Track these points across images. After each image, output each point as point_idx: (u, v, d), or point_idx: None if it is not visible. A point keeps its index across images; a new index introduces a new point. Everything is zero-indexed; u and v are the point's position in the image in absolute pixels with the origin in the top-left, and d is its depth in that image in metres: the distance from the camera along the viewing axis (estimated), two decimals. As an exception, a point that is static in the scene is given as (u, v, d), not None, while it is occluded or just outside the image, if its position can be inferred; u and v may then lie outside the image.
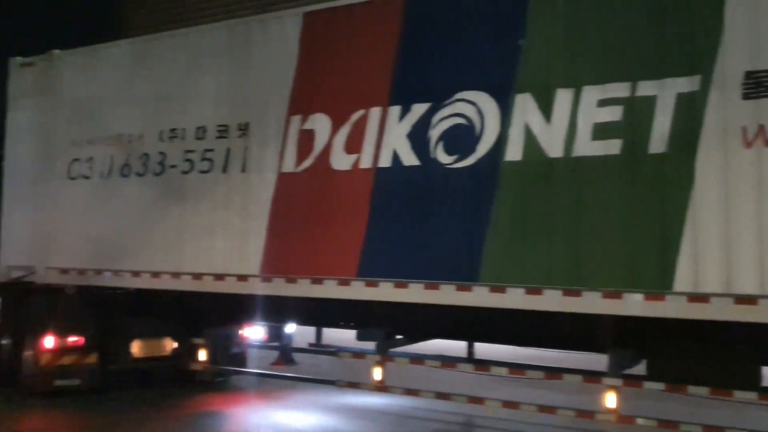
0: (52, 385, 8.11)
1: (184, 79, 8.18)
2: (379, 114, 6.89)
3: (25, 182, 9.47)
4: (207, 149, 7.93)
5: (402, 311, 7.10)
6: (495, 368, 6.82)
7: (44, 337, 8.15)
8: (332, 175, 7.10)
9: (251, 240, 7.52)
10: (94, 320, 8.47)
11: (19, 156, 9.64)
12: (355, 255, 6.90)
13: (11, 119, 9.78)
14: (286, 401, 8.71)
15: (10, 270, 9.60)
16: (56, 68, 9.33)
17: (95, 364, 8.29)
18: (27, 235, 9.40)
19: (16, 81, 9.74)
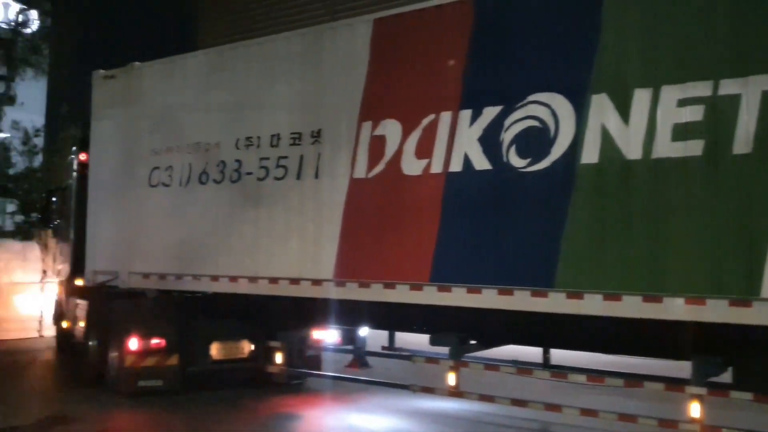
0: (136, 385, 8.42)
1: (258, 88, 8.35)
2: (450, 118, 6.85)
3: (109, 190, 9.87)
4: (281, 156, 8.07)
5: (475, 316, 7.03)
6: (573, 375, 6.69)
7: (129, 340, 8.46)
8: (403, 180, 7.11)
9: (325, 245, 7.61)
10: (175, 323, 8.73)
11: (103, 165, 10.05)
12: (427, 260, 6.89)
13: (95, 130, 10.21)
14: (360, 404, 8.77)
15: (95, 275, 10.03)
16: (136, 80, 9.68)
17: (176, 365, 8.55)
18: (111, 241, 9.79)
19: (99, 93, 10.15)
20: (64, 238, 12.57)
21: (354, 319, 8.63)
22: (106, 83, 10.05)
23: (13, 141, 19.73)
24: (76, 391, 9.51)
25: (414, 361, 7.51)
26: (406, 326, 8.08)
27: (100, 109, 10.13)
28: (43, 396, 9.37)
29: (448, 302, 6.83)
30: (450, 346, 7.19)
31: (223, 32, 17.87)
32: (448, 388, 7.09)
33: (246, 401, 8.76)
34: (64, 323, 12.24)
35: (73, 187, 11.69)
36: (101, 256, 9.91)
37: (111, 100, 9.97)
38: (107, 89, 10.02)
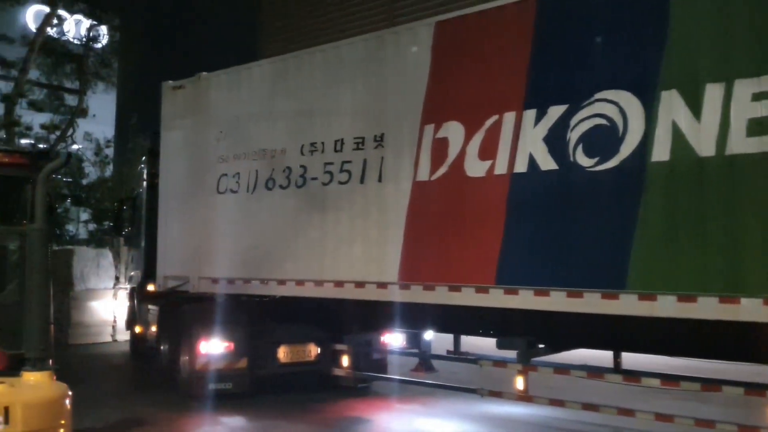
0: (206, 388, 8.59)
1: (321, 95, 8.45)
2: (514, 119, 6.79)
3: (179, 198, 10.13)
4: (345, 161, 8.14)
5: (543, 319, 6.95)
6: (646, 379, 6.51)
7: (198, 343, 8.65)
8: (467, 183, 7.08)
9: (389, 248, 7.63)
10: (243, 327, 8.89)
11: (172, 173, 10.32)
12: (492, 262, 6.83)
13: (165, 139, 10.50)
14: (428, 408, 8.75)
15: (166, 280, 10.29)
16: (204, 90, 9.91)
17: (245, 368, 8.69)
18: (181, 247, 10.04)
19: (168, 103, 10.43)
20: (136, 246, 13.02)
21: (419, 322, 8.62)
22: (175, 94, 10.32)
23: (86, 152, 20.54)
24: (149, 394, 9.81)
25: (481, 365, 7.45)
26: (471, 330, 8.03)
27: (170, 119, 10.41)
28: (118, 399, 9.65)
29: (515, 305, 6.75)
30: (518, 350, 7.11)
31: (285, 42, 18.14)
32: (516, 392, 7.01)
33: (314, 404, 8.87)
34: (137, 328, 12.66)
35: (144, 195, 12.11)
36: (172, 261, 10.18)
37: (180, 110, 10.24)
38: (176, 100, 10.30)
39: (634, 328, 6.31)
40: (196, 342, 8.68)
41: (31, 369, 4.26)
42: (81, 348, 14.11)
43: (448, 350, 9.37)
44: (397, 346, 9.31)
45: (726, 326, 5.74)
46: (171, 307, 10.16)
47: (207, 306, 9.37)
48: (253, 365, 8.76)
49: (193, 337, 8.80)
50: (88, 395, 9.49)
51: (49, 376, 4.23)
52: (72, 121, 18.41)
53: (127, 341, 13.93)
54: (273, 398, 9.07)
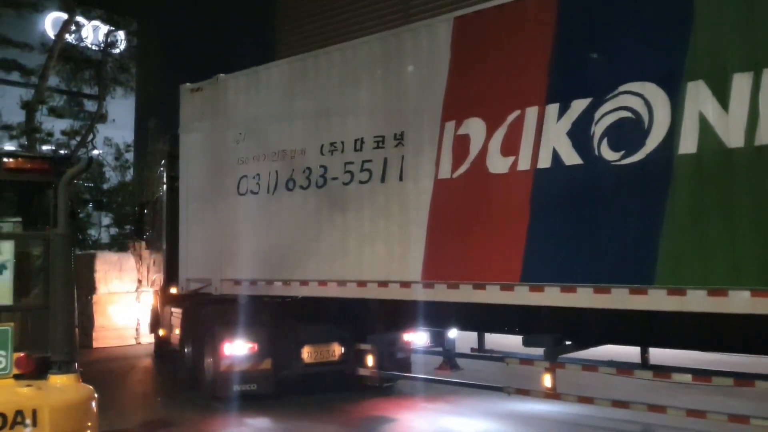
0: (231, 389, 8.58)
1: (340, 94, 8.42)
2: (536, 113, 6.71)
3: (200, 200, 10.14)
4: (365, 160, 8.10)
5: (569, 316, 6.86)
6: (677, 375, 6.40)
7: (222, 345, 8.65)
8: (489, 179, 7.01)
9: (411, 246, 7.58)
10: (267, 328, 8.87)
11: (193, 176, 10.33)
12: (517, 259, 6.75)
13: (184, 142, 10.51)
14: (453, 407, 8.67)
15: (189, 283, 10.31)
16: (222, 92, 9.92)
17: (269, 369, 8.68)
18: (203, 249, 10.05)
19: (187, 106, 10.45)
20: (157, 249, 13.05)
21: (443, 320, 8.56)
22: (194, 96, 10.33)
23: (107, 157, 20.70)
24: (174, 395, 9.84)
25: (507, 362, 7.38)
26: (496, 327, 7.96)
27: (189, 122, 10.42)
28: (144, 401, 9.72)
29: (541, 302, 6.67)
30: (545, 348, 7.02)
31: (301, 42, 18.16)
32: (544, 390, 6.92)
33: (339, 404, 8.84)
34: (161, 331, 12.69)
35: (164, 199, 12.14)
36: (194, 264, 10.19)
37: (198, 112, 10.25)
38: (195, 102, 10.31)
39: (664, 323, 6.21)
40: (219, 344, 8.68)
41: (57, 372, 4.30)
42: (105, 351, 14.22)
43: (472, 348, 9.30)
44: (421, 344, 9.25)
45: (757, 320, 5.62)
46: (194, 309, 10.18)
47: (230, 307, 9.37)
48: (278, 366, 8.75)
49: (216, 338, 8.81)
50: (114, 398, 9.54)
51: (76, 379, 4.25)
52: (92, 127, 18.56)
53: (151, 344, 14.00)
54: (298, 399, 9.06)
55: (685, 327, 6.34)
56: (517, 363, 7.31)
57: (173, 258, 11.81)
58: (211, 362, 9.07)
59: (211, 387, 9.05)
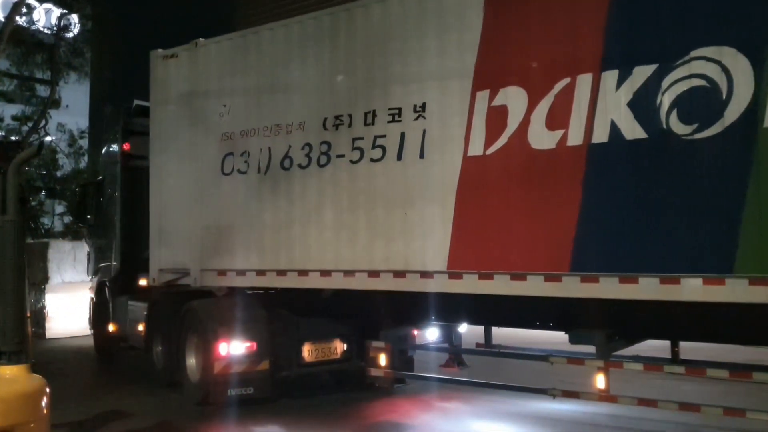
0: (225, 394, 7.57)
1: (347, 61, 7.47)
2: (590, 81, 5.94)
3: (175, 180, 9.02)
4: (378, 135, 7.19)
5: (616, 309, 6.17)
6: (758, 374, 5.77)
7: (218, 344, 7.61)
8: (532, 156, 6.21)
9: (435, 232, 6.73)
10: (265, 324, 7.88)
11: (166, 153, 9.19)
12: (566, 246, 5.99)
13: (155, 116, 9.35)
14: (471, 407, 7.85)
15: (161, 274, 9.19)
16: (202, 58, 8.82)
17: (267, 370, 7.71)
18: (179, 236, 8.95)
19: (158, 75, 9.28)
20: (104, 236, 11.64)
21: (454, 314, 7.76)
22: (167, 64, 9.18)
23: (60, 143, 19.40)
24: (153, 398, 8.79)
25: (552, 362, 6.59)
26: (524, 322, 7.21)
27: (161, 92, 9.26)
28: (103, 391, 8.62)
29: (595, 294, 5.94)
30: (596, 345, 6.29)
31: (264, 16, 16.97)
32: (596, 391, 6.18)
33: (345, 408, 7.91)
34: (111, 326, 11.19)
35: (118, 179, 10.85)
36: (168, 253, 9.07)
37: (173, 82, 9.11)
38: (168, 70, 9.16)
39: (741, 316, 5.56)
40: (213, 343, 7.63)
41: (7, 363, 4.22)
42: (59, 342, 13.21)
43: (477, 343, 8.56)
44: (433, 341, 8.40)
45: None
46: (169, 303, 9.05)
47: (223, 301, 8.34)
48: (276, 366, 7.78)
49: (209, 336, 7.76)
50: (68, 389, 8.79)
51: (26, 370, 4.13)
52: (44, 112, 17.36)
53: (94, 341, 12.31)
54: (298, 402, 8.12)
55: (757, 320, 5.70)
56: (564, 362, 6.53)
57: (130, 245, 10.70)
58: (199, 364, 8.03)
59: (196, 391, 8.01)
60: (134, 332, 10.21)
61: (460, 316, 7.81)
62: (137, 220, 10.75)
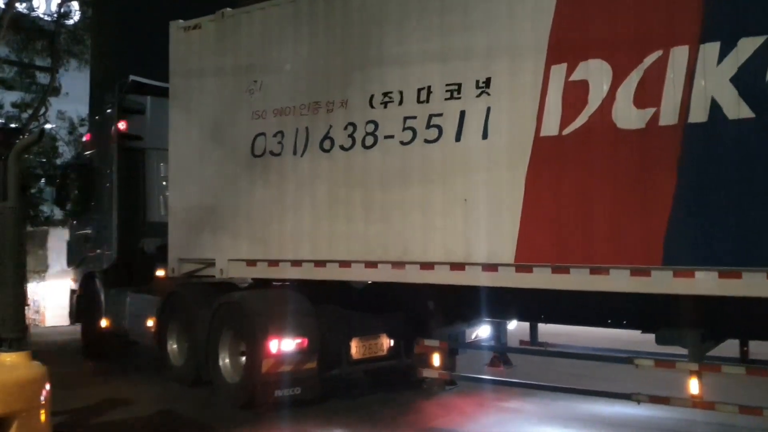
0: (273, 396, 6.91)
1: (398, 30, 6.81)
2: (687, 55, 5.34)
3: (198, 164, 8.35)
4: (433, 114, 6.57)
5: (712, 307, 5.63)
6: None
7: (268, 341, 6.94)
8: (617, 136, 5.62)
9: (502, 221, 6.13)
10: (314, 318, 7.25)
11: (187, 133, 8.50)
12: (657, 237, 5.42)
13: (175, 91, 8.67)
14: (535, 407, 7.28)
15: (182, 264, 8.52)
16: (230, 30, 8.12)
17: (315, 368, 7.08)
18: (202, 224, 8.28)
19: (179, 48, 8.59)
20: (94, 222, 10.74)
21: (518, 310, 7.18)
22: (189, 36, 8.47)
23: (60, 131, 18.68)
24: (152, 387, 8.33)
25: (637, 364, 5.99)
26: (599, 320, 6.62)
27: (181, 67, 8.56)
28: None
29: (689, 291, 5.40)
30: (689, 346, 5.73)
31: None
32: (690, 397, 5.61)
33: (397, 409, 7.26)
34: (104, 321, 10.27)
35: (113, 161, 10.07)
36: (189, 241, 8.40)
37: (196, 55, 8.42)
38: (191, 42, 8.46)
39: None
40: (262, 339, 6.96)
41: (8, 350, 4.15)
42: (57, 329, 12.62)
43: (521, 341, 8.00)
44: (486, 339, 7.81)
45: None
46: (194, 296, 8.36)
47: (268, 294, 7.73)
48: (323, 364, 7.15)
49: (256, 332, 7.07)
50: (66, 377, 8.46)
51: (27, 357, 4.05)
52: (44, 99, 16.74)
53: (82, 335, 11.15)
54: (345, 403, 7.48)
55: None
56: (651, 365, 5.93)
57: (127, 232, 9.97)
58: (235, 362, 7.38)
59: (237, 393, 7.33)
60: (140, 328, 9.44)
61: (515, 312, 7.24)
62: (135, 206, 10.09)
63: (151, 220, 10.20)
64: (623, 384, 6.37)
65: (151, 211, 10.22)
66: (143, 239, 10.05)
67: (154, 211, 10.20)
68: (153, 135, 10.13)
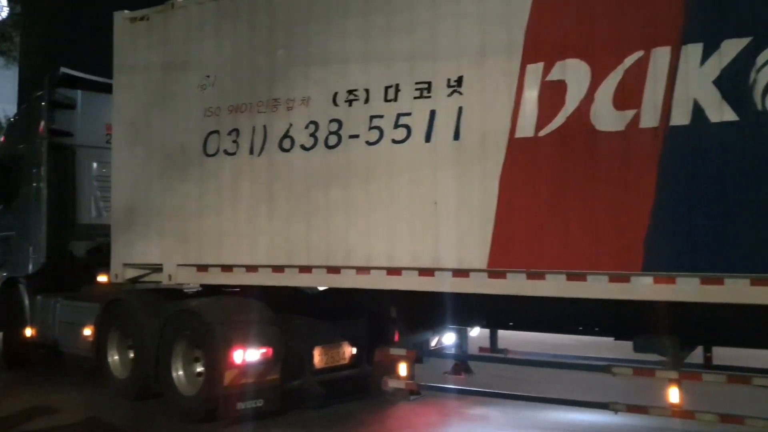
0: (235, 409, 6.46)
1: (364, 23, 6.50)
2: (669, 55, 5.22)
3: (145, 162, 7.81)
4: (402, 113, 6.28)
5: (685, 313, 5.52)
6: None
7: (231, 351, 6.48)
8: (596, 139, 5.46)
9: (473, 224, 5.90)
10: (277, 326, 6.83)
11: (131, 130, 7.96)
12: (636, 242, 5.27)
13: (119, 87, 8.10)
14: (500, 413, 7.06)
15: (125, 269, 7.97)
16: (180, 21, 7.64)
17: (277, 379, 6.67)
18: (149, 227, 7.75)
19: (124, 40, 8.03)
20: (14, 224, 9.91)
21: (482, 316, 6.96)
22: (135, 28, 7.94)
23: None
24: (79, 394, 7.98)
25: (614, 373, 5.83)
26: (560, 326, 6.48)
27: (126, 59, 8.00)
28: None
29: (670, 297, 5.26)
30: (667, 354, 5.59)
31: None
32: (669, 406, 5.47)
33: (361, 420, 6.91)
34: (30, 330, 9.50)
35: (42, 158, 9.38)
36: (134, 245, 7.85)
37: (142, 48, 7.89)
38: (136, 35, 7.92)
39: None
40: (224, 349, 6.51)
41: None
42: None
43: (480, 347, 7.82)
44: (450, 346, 7.54)
45: None
46: (140, 304, 7.82)
47: (226, 302, 7.27)
48: (285, 374, 6.75)
49: (217, 342, 6.62)
50: None
51: None
52: None
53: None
54: (306, 415, 7.06)
55: None
56: (630, 373, 5.77)
57: (57, 235, 9.32)
58: (190, 374, 6.89)
59: (195, 406, 6.84)
60: (72, 337, 8.79)
61: (483, 319, 7.03)
62: (64, 207, 9.44)
63: (81, 221, 9.58)
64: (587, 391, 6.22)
65: (81, 213, 9.59)
66: (72, 242, 9.43)
67: (84, 212, 9.60)
68: (84, 131, 9.57)
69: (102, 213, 9.62)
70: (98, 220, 9.59)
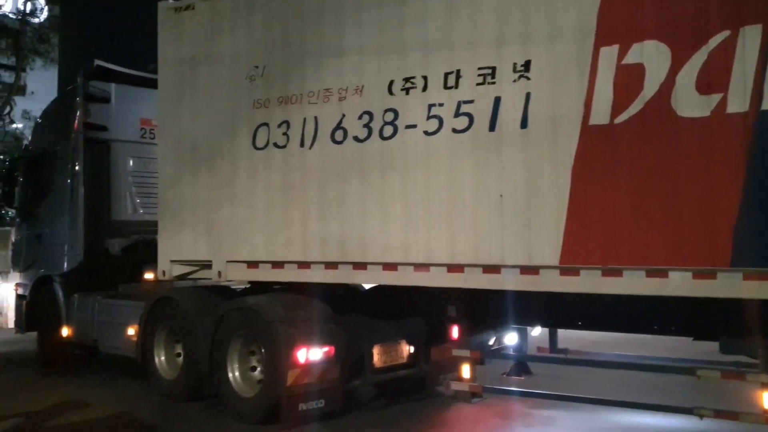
0: (297, 410, 6.20)
1: (422, 5, 6.19)
2: (759, 35, 4.84)
3: (191, 157, 7.59)
4: (463, 101, 5.97)
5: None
6: None
7: (294, 350, 6.23)
8: (678, 125, 5.10)
9: (544, 219, 5.57)
10: (338, 324, 6.59)
11: (177, 123, 7.75)
12: (724, 236, 4.91)
13: (164, 78, 7.90)
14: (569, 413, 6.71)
15: (173, 266, 7.77)
16: (227, 11, 7.40)
17: (337, 378, 6.42)
18: (197, 223, 7.54)
19: (169, 31, 7.82)
20: (49, 221, 9.77)
21: (548, 315, 6.63)
22: (180, 18, 7.72)
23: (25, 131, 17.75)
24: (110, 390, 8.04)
25: (699, 376, 5.47)
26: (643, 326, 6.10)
27: (171, 50, 7.80)
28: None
29: (762, 295, 4.88)
30: (759, 356, 5.23)
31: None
32: (763, 412, 5.11)
33: (426, 424, 6.61)
34: (66, 330, 9.29)
35: (79, 153, 9.23)
36: (183, 241, 7.65)
37: (187, 38, 7.67)
38: (182, 25, 7.70)
39: None
40: (287, 349, 6.27)
41: None
42: None
43: (538, 347, 7.51)
44: (512, 347, 7.24)
45: None
46: (191, 302, 7.60)
47: (286, 299, 6.97)
48: (345, 374, 6.50)
49: (279, 341, 6.36)
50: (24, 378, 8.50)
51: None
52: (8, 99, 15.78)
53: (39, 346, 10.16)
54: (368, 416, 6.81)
55: None
56: (717, 376, 5.42)
57: (93, 231, 9.20)
58: (246, 374, 6.69)
59: (255, 408, 6.60)
60: (116, 336, 8.56)
61: (548, 318, 6.70)
62: (100, 203, 9.29)
63: (116, 218, 9.45)
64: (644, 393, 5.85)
65: (117, 209, 9.46)
66: (107, 240, 9.28)
67: (120, 209, 9.46)
68: (118, 126, 9.46)
69: (138, 210, 9.53)
70: (134, 216, 9.48)
